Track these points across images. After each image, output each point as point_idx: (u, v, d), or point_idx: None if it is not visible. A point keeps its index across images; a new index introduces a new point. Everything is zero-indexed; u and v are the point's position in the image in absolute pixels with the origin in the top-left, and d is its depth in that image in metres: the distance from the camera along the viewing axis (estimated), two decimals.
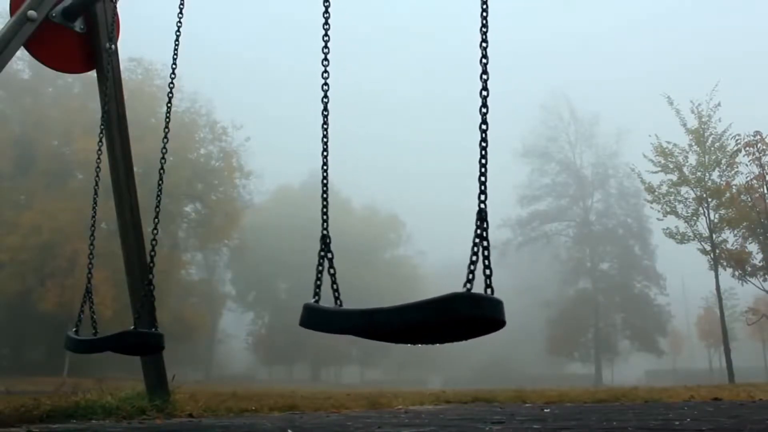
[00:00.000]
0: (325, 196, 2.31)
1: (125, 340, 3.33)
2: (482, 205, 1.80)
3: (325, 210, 2.27)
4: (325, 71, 2.45)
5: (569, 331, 47.36)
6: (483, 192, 1.82)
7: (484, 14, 1.98)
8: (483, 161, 1.86)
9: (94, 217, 3.78)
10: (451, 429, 3.11)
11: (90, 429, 3.21)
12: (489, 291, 1.71)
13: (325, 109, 2.41)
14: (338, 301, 2.08)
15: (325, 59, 2.46)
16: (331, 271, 2.14)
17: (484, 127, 1.89)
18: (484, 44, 1.95)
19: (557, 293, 47.81)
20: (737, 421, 3.31)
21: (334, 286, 2.11)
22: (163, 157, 3.50)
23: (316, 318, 2.02)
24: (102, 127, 4.10)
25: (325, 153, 2.37)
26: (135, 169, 4.50)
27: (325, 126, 2.39)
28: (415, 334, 1.91)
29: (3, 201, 30.72)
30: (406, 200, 62.48)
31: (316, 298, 2.08)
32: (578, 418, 3.85)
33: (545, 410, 4.93)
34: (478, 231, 1.76)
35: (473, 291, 1.68)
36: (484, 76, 1.93)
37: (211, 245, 42.31)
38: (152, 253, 3.41)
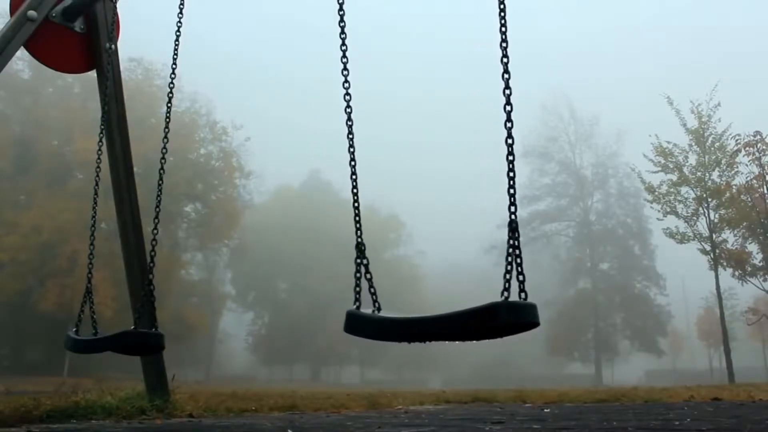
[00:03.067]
0: (356, 205, 2.38)
1: (125, 340, 3.33)
2: (513, 216, 1.89)
3: (357, 219, 2.35)
4: (346, 81, 2.44)
5: (569, 331, 47.35)
6: (513, 203, 1.91)
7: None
8: (511, 174, 1.94)
9: (94, 217, 3.78)
10: (451, 429, 3.11)
11: (90, 429, 3.21)
12: (523, 296, 1.81)
13: (349, 119, 2.41)
14: (376, 304, 2.14)
15: (345, 69, 2.46)
16: (368, 276, 2.19)
17: (510, 141, 1.96)
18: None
19: (557, 293, 47.78)
20: (737, 421, 3.31)
21: (372, 290, 2.17)
22: (163, 157, 3.50)
23: (360, 325, 2.11)
24: (102, 127, 4.10)
25: (352, 163, 2.37)
26: (135, 169, 4.50)
27: (350, 136, 2.40)
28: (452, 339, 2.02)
29: (3, 201, 30.71)
30: (406, 200, 62.50)
31: (357, 304, 2.16)
32: (578, 418, 3.85)
33: (545, 410, 4.93)
34: (511, 241, 1.86)
35: (510, 299, 1.79)
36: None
37: (211, 245, 42.30)
38: (152, 253, 3.41)
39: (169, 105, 3.70)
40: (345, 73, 2.46)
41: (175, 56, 3.71)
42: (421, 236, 60.37)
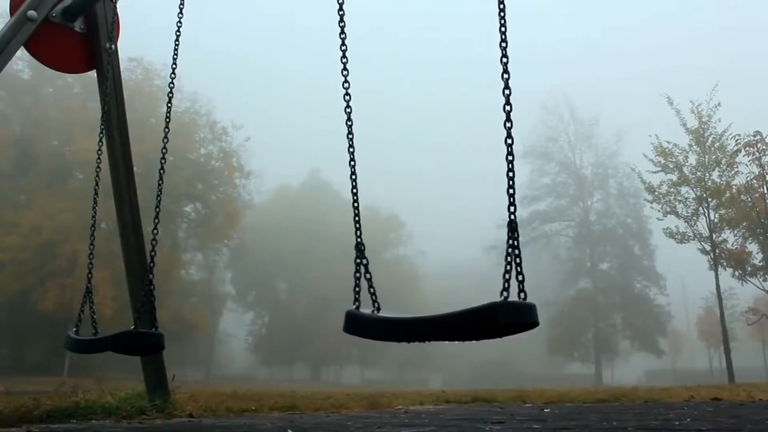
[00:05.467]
0: (356, 205, 2.38)
1: (125, 340, 3.33)
2: (512, 216, 1.89)
3: (357, 219, 2.35)
4: (346, 81, 2.44)
5: (569, 331, 47.36)
6: (512, 203, 1.90)
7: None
8: (510, 174, 1.94)
9: (94, 217, 3.78)
10: (451, 429, 3.11)
11: (90, 429, 3.21)
12: (522, 296, 1.80)
13: (349, 119, 2.42)
14: (376, 304, 2.14)
15: (345, 69, 2.46)
16: (368, 276, 2.19)
17: (509, 141, 1.95)
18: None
19: (557, 293, 47.79)
20: (737, 421, 3.31)
21: (371, 290, 2.17)
22: (163, 157, 3.50)
23: (360, 325, 2.11)
24: (102, 127, 4.10)
25: (352, 163, 2.37)
26: (135, 169, 4.50)
27: (350, 136, 2.40)
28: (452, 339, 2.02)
29: (3, 201, 30.71)
30: (406, 200, 62.49)
31: (357, 304, 2.15)
32: (578, 418, 3.85)
33: (545, 410, 4.93)
34: (510, 241, 1.86)
35: (509, 299, 1.79)
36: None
37: (211, 245, 42.29)
38: (152, 253, 3.41)
39: (169, 105, 3.70)
40: (345, 73, 2.46)
41: (175, 56, 3.71)
42: (421, 236, 60.43)
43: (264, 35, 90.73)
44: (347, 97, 2.44)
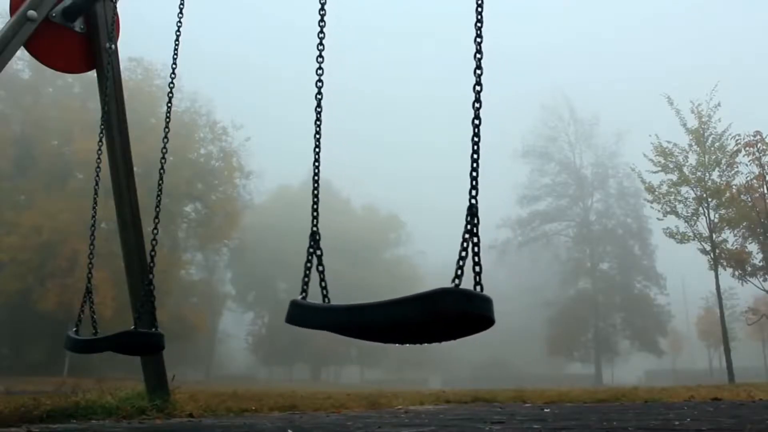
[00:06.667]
0: (315, 192, 2.33)
1: (125, 340, 3.33)
2: (473, 200, 1.79)
3: (315, 207, 2.27)
4: (320, 68, 2.44)
5: (569, 331, 47.36)
6: (474, 188, 1.81)
7: (479, 9, 1.98)
8: (475, 156, 1.85)
9: (94, 217, 3.78)
10: (451, 429, 3.11)
11: (90, 429, 3.21)
12: (478, 288, 1.67)
13: (319, 105, 2.41)
14: (326, 299, 2.06)
15: (320, 56, 2.46)
16: (320, 268, 2.12)
17: (477, 122, 1.88)
18: (478, 39, 1.95)
19: (557, 293, 47.81)
20: (737, 421, 3.31)
21: (323, 284, 2.09)
22: (163, 157, 3.50)
23: (301, 314, 1.98)
24: (102, 127, 4.11)
25: (317, 150, 2.39)
26: (135, 169, 4.50)
27: (318, 123, 2.40)
28: (401, 332, 1.89)
29: (3, 201, 30.70)
30: (406, 200, 62.47)
31: (303, 294, 2.05)
32: (578, 418, 3.85)
33: (545, 410, 4.93)
34: (468, 227, 1.74)
35: (462, 287, 1.64)
36: (478, 71, 1.92)
37: (211, 245, 42.28)
38: (152, 253, 3.41)
39: (169, 105, 3.70)
40: (320, 60, 2.45)
41: (175, 56, 3.71)
42: (421, 236, 60.42)
43: (264, 35, 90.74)
44: (320, 83, 2.42)
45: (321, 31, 2.48)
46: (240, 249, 44.73)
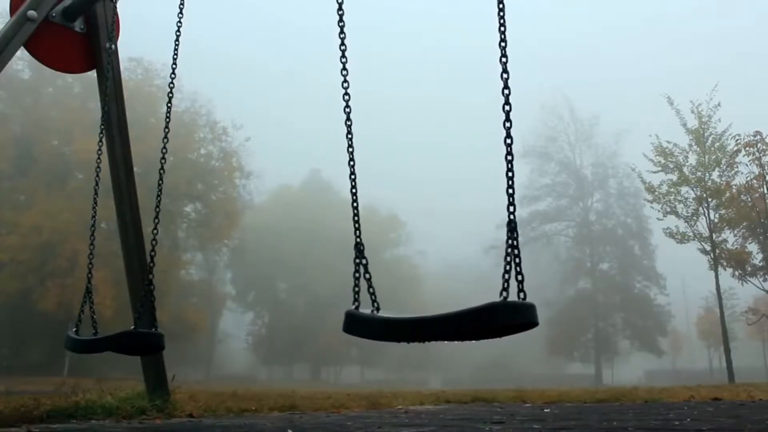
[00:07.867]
0: (355, 205, 2.38)
1: (125, 340, 3.33)
2: (512, 216, 1.89)
3: (356, 219, 2.35)
4: (345, 81, 2.44)
5: (569, 331, 47.34)
6: (512, 203, 1.91)
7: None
8: (510, 174, 1.94)
9: (94, 217, 3.78)
10: (451, 429, 3.11)
11: (90, 429, 3.21)
12: (522, 296, 1.80)
13: (348, 118, 2.42)
14: (375, 304, 2.13)
15: (344, 68, 2.46)
16: (367, 276, 2.19)
17: (509, 141, 1.95)
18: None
19: (557, 293, 47.76)
20: (737, 421, 3.31)
21: (371, 290, 2.17)
22: (163, 157, 3.49)
23: (358, 325, 2.10)
24: (102, 127, 4.10)
25: (351, 163, 2.37)
26: (135, 169, 4.50)
27: (349, 136, 2.40)
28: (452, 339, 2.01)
29: (3, 201, 30.70)
30: (406, 200, 62.48)
31: (356, 304, 2.15)
32: (578, 418, 3.85)
33: (545, 410, 4.93)
34: (509, 241, 1.85)
35: (509, 299, 1.79)
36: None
37: (211, 245, 42.26)
38: (152, 253, 3.40)
39: (169, 105, 3.70)
40: (344, 72, 2.46)
41: (175, 56, 3.70)
42: (421, 236, 60.40)
43: (264, 35, 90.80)
44: (347, 97, 2.44)
45: (341, 31, 2.48)
46: (240, 249, 44.70)
